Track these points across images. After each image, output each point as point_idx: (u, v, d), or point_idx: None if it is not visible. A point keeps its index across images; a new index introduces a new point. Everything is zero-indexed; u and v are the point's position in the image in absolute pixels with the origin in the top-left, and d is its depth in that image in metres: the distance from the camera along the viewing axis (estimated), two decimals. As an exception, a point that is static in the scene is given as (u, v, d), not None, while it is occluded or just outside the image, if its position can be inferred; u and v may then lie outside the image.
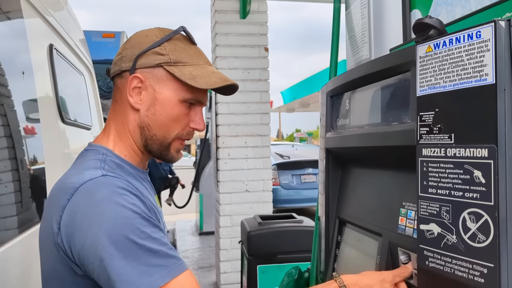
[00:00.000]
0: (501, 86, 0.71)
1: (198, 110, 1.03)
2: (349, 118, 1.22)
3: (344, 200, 1.30)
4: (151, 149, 1.01)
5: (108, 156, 0.96)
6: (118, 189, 0.86)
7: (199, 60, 1.01)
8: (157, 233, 0.85)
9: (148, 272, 0.80)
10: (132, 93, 0.98)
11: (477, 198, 0.73)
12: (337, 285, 0.95)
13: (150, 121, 0.98)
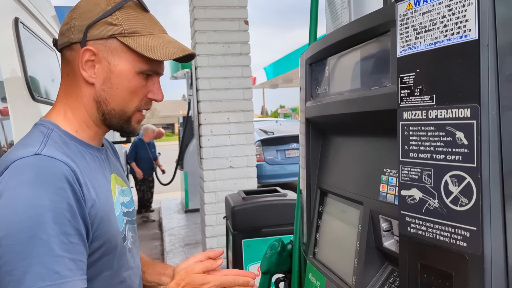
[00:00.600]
0: (484, 41, 0.67)
1: (155, 80, 0.98)
2: (329, 85, 1.18)
3: (325, 170, 1.27)
4: (110, 123, 0.96)
5: (54, 132, 0.90)
6: (45, 173, 0.79)
7: (154, 29, 0.95)
8: (69, 236, 0.78)
9: (40, 275, 0.74)
10: (85, 67, 0.91)
11: (460, 161, 0.70)
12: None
13: (106, 95, 0.93)
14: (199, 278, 1.00)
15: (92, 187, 0.87)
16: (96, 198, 0.87)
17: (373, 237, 0.98)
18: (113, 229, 0.91)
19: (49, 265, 0.75)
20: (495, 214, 0.67)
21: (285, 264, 1.50)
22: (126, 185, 1.08)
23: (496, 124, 0.67)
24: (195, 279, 1.00)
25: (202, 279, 1.00)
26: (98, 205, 0.87)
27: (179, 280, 1.00)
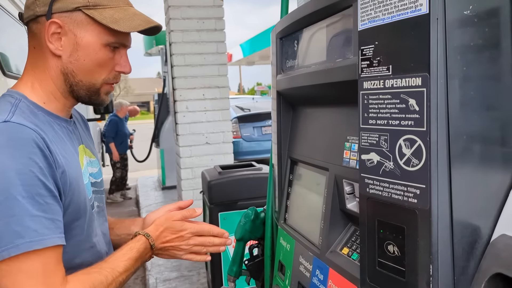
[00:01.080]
0: (434, 15, 0.73)
1: (122, 53, 1.00)
2: (298, 59, 1.23)
3: (295, 141, 1.34)
4: (78, 95, 0.98)
5: (22, 102, 0.92)
6: (16, 139, 0.82)
7: (119, 1, 0.97)
8: (43, 197, 0.82)
9: (18, 233, 0.79)
10: (51, 39, 0.93)
11: (412, 125, 0.77)
12: (142, 238, 1.03)
13: (74, 67, 0.95)
14: (178, 225, 1.05)
15: (62, 156, 0.90)
16: (65, 165, 0.89)
17: (338, 200, 1.05)
18: (82, 196, 0.94)
19: (26, 224, 0.79)
20: (442, 173, 0.74)
21: (259, 231, 1.57)
22: (94, 157, 1.11)
23: (443, 92, 0.74)
24: (175, 225, 1.05)
25: (181, 226, 1.05)
26: (68, 172, 0.90)
27: (159, 225, 1.05)
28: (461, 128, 0.75)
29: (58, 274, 0.83)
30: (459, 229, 0.76)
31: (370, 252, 0.86)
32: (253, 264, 1.59)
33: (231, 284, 1.60)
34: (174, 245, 1.05)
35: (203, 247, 1.08)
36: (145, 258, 1.03)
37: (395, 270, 0.81)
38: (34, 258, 0.80)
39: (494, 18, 0.77)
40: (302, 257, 1.17)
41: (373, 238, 0.86)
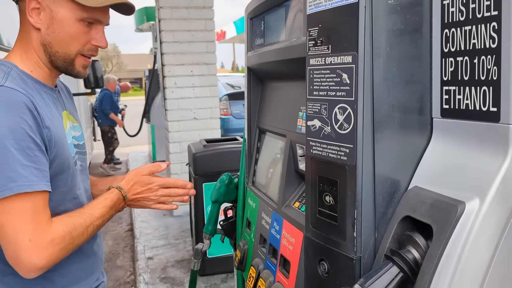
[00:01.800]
0: (362, 4, 0.88)
1: (99, 28, 1.13)
2: (264, 38, 1.37)
3: (263, 112, 1.49)
4: (56, 65, 1.12)
5: (13, 70, 1.06)
6: (9, 101, 0.97)
7: None
8: (32, 150, 0.97)
9: (11, 178, 0.94)
10: (31, 14, 1.06)
11: (344, 96, 0.92)
12: (115, 190, 1.18)
13: (50, 39, 1.08)
14: (146, 178, 1.21)
15: (47, 117, 1.04)
16: (51, 125, 1.04)
17: (293, 162, 1.22)
18: (66, 153, 1.09)
19: (18, 171, 0.94)
20: (366, 136, 0.90)
21: (232, 195, 1.74)
22: (77, 122, 1.26)
23: (369, 68, 0.89)
24: (143, 179, 1.21)
25: (149, 179, 1.21)
26: (53, 131, 1.04)
27: (129, 180, 1.21)
28: (384, 99, 0.91)
29: (45, 215, 0.99)
30: (380, 181, 0.92)
31: (312, 203, 1.03)
32: (227, 224, 1.76)
33: (206, 241, 1.77)
34: (144, 196, 1.21)
35: (169, 197, 1.24)
36: (119, 207, 1.18)
37: (330, 216, 0.98)
38: (25, 200, 0.95)
39: (415, 7, 0.91)
40: (264, 213, 1.34)
41: (314, 191, 1.02)
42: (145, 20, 8.37)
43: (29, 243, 0.95)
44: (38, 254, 0.95)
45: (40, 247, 0.96)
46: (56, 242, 0.99)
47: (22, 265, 0.95)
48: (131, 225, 4.88)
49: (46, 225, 0.99)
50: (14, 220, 0.95)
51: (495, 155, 0.79)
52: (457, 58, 0.87)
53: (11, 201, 0.94)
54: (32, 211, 0.97)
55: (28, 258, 0.95)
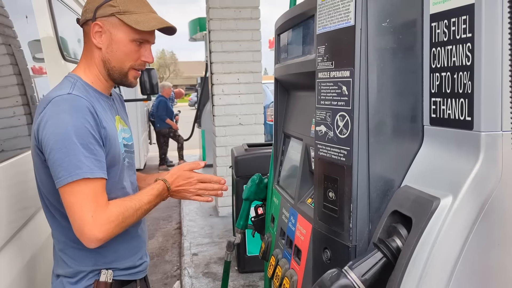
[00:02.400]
0: (358, 26, 1.02)
1: (147, 47, 1.35)
2: (287, 52, 1.54)
3: (287, 118, 1.65)
4: (113, 77, 1.35)
5: (78, 81, 1.30)
6: (76, 105, 1.20)
7: (143, 9, 1.32)
8: (93, 145, 1.19)
9: (78, 166, 1.16)
10: (95, 36, 1.30)
11: (343, 105, 1.07)
12: (161, 182, 1.37)
13: (109, 56, 1.32)
14: (187, 173, 1.41)
15: (104, 120, 1.27)
16: (107, 126, 1.27)
17: (307, 163, 1.37)
18: (117, 149, 1.32)
19: (82, 161, 1.17)
20: (362, 140, 1.04)
21: (262, 193, 1.91)
22: (127, 126, 1.49)
23: (364, 81, 1.03)
24: (184, 174, 1.41)
25: (189, 174, 1.41)
26: (108, 131, 1.27)
27: (173, 173, 1.41)
28: (377, 108, 1.04)
29: (103, 198, 1.21)
30: (374, 180, 1.06)
31: (319, 198, 1.18)
32: (257, 220, 1.93)
33: (238, 235, 1.95)
34: (185, 189, 1.41)
35: (205, 190, 1.43)
36: (163, 196, 1.38)
37: (332, 209, 1.12)
38: (88, 184, 1.18)
39: (407, 29, 1.04)
40: (284, 209, 1.50)
41: (321, 188, 1.17)
42: (198, 30, 8.78)
43: (91, 219, 1.18)
44: (98, 228, 1.18)
45: (100, 222, 1.18)
46: (111, 219, 1.20)
47: (85, 236, 1.18)
48: (179, 224, 5.18)
49: (105, 205, 1.21)
50: (80, 200, 1.18)
51: (469, 158, 0.91)
52: (441, 73, 0.99)
53: (77, 184, 1.17)
54: (93, 193, 1.19)
55: (90, 231, 1.17)
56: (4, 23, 1.60)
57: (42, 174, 1.27)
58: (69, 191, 1.18)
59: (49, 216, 1.33)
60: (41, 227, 1.61)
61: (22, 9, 1.93)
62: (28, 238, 1.53)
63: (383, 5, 1.03)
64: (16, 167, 1.47)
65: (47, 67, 2.13)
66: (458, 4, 0.92)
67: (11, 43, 1.65)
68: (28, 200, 1.54)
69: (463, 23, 0.91)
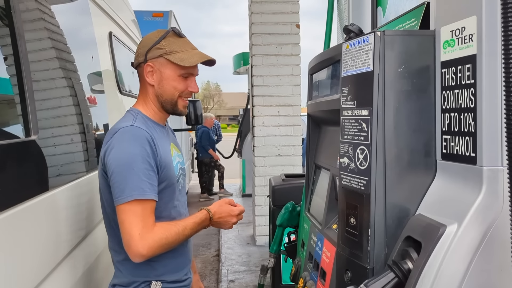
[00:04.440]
0: (376, 72, 1.17)
1: (192, 79, 1.55)
2: (318, 91, 1.69)
3: (318, 150, 1.80)
4: (166, 108, 1.55)
5: (139, 115, 1.51)
6: (137, 136, 1.40)
7: (185, 47, 1.52)
8: (148, 171, 1.37)
9: (132, 188, 1.34)
10: (147, 75, 1.51)
11: (363, 140, 1.21)
12: (205, 211, 1.51)
13: (161, 91, 1.52)
14: (229, 208, 1.57)
15: (161, 147, 1.47)
16: (162, 153, 1.46)
17: (334, 192, 1.50)
18: (171, 173, 1.50)
19: (138, 184, 1.36)
20: (379, 171, 1.17)
21: (295, 220, 2.03)
22: (180, 152, 1.68)
23: (382, 120, 1.17)
24: (227, 208, 1.57)
25: (231, 208, 1.57)
26: (163, 158, 1.46)
27: (217, 205, 1.56)
28: (393, 143, 1.17)
29: (151, 219, 1.39)
30: (390, 208, 1.17)
31: (342, 223, 1.30)
32: (290, 246, 2.05)
33: (271, 259, 2.07)
34: (226, 220, 1.56)
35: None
36: (205, 224, 1.54)
37: (353, 234, 1.24)
38: (140, 205, 1.36)
39: (420, 74, 1.18)
40: (313, 234, 1.62)
41: (343, 214, 1.29)
42: (242, 64, 9.15)
43: (138, 236, 1.35)
44: (143, 245, 1.35)
45: (145, 240, 1.35)
46: (156, 239, 1.37)
47: (131, 250, 1.35)
48: (218, 251, 5.31)
49: (151, 226, 1.38)
50: (130, 218, 1.36)
51: (473, 190, 1.02)
52: (451, 113, 1.11)
53: (130, 205, 1.36)
54: (142, 213, 1.37)
55: (135, 247, 1.34)
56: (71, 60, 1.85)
57: (107, 193, 1.46)
58: (122, 210, 1.36)
59: (110, 231, 1.52)
60: (98, 242, 1.81)
61: (89, 49, 2.21)
62: (87, 251, 1.73)
63: (399, 53, 1.17)
64: (74, 189, 1.67)
65: (106, 98, 2.39)
66: (463, 54, 1.05)
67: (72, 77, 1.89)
68: (88, 217, 1.75)
69: (467, 71, 1.04)
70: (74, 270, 1.57)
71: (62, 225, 1.49)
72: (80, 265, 1.63)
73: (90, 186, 1.76)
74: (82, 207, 1.74)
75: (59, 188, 1.47)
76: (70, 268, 1.53)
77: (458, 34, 1.07)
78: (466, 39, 1.04)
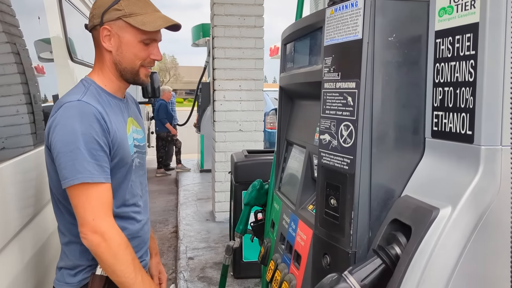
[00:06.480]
0: (365, 40, 1.06)
1: (154, 45, 1.38)
2: (293, 62, 1.57)
3: (290, 126, 1.69)
4: (126, 78, 1.38)
5: (92, 85, 1.34)
6: (83, 112, 1.24)
7: (147, 9, 1.35)
8: (96, 151, 1.23)
9: (79, 170, 1.21)
10: (104, 40, 1.34)
11: (348, 115, 1.10)
12: None
13: (120, 58, 1.35)
14: None
15: (113, 123, 1.31)
16: (116, 130, 1.30)
17: (310, 170, 1.40)
18: (126, 152, 1.34)
19: (84, 165, 1.21)
20: (365, 150, 1.08)
21: (262, 199, 1.94)
22: (140, 127, 1.52)
23: (370, 93, 1.07)
24: None
25: None
26: (117, 134, 1.31)
27: None
28: (381, 119, 1.08)
29: (107, 205, 1.24)
30: (375, 189, 1.09)
31: (320, 205, 1.20)
32: (257, 225, 1.96)
33: (237, 239, 1.98)
34: None
35: None
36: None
37: (333, 216, 1.15)
38: (90, 188, 1.22)
39: (412, 44, 1.08)
40: (285, 214, 1.53)
41: (323, 195, 1.20)
42: (201, 36, 8.85)
43: (92, 221, 1.21)
44: (94, 232, 1.22)
45: (98, 228, 1.22)
46: (108, 235, 1.22)
47: (83, 236, 1.23)
48: (176, 227, 5.18)
49: (107, 212, 1.25)
50: (83, 202, 1.22)
51: (469, 171, 0.94)
52: (444, 88, 1.03)
53: (79, 188, 1.22)
54: (96, 197, 1.23)
55: (87, 231, 1.22)
56: (11, 22, 1.62)
57: (51, 171, 1.31)
58: (74, 194, 1.23)
59: (57, 211, 1.37)
60: (48, 222, 1.64)
61: (34, 7, 1.97)
62: (36, 232, 1.57)
63: (390, 20, 1.07)
64: (20, 165, 1.49)
65: (55, 67, 2.16)
66: (462, 23, 0.96)
67: (17, 42, 1.68)
68: (37, 194, 1.58)
69: (467, 41, 0.95)
70: (22, 252, 1.42)
71: (7, 203, 1.32)
72: (29, 247, 1.48)
73: (38, 161, 1.58)
74: (30, 184, 1.56)
75: (4, 163, 1.32)
76: (18, 250, 1.38)
77: (458, 0, 0.98)
78: (467, 5, 0.95)
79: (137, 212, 1.44)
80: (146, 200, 1.54)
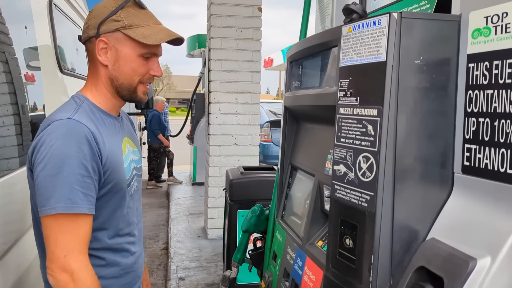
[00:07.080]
0: (389, 63, 0.94)
1: (154, 60, 1.26)
2: (301, 81, 1.45)
3: (296, 149, 1.56)
4: (122, 95, 1.26)
5: (84, 103, 1.21)
6: (72, 132, 1.11)
7: (148, 21, 1.23)
8: (83, 177, 1.10)
9: (58, 199, 1.07)
10: (100, 53, 1.21)
11: (368, 146, 0.98)
12: None
13: (116, 73, 1.22)
14: None
15: (108, 144, 1.17)
16: (110, 152, 1.17)
17: (319, 201, 1.27)
18: (121, 177, 1.21)
19: (66, 194, 1.07)
20: (387, 185, 0.95)
21: (262, 226, 1.80)
22: (136, 148, 1.39)
23: (393, 122, 0.95)
24: None
25: None
26: (111, 157, 1.17)
27: None
28: (406, 151, 0.96)
29: (83, 240, 1.10)
30: (398, 230, 0.96)
31: (333, 244, 1.08)
32: (256, 254, 1.82)
33: (234, 269, 1.84)
34: None
35: None
36: None
37: (349, 259, 1.02)
38: (68, 219, 1.08)
39: (441, 67, 0.97)
40: (289, 248, 1.40)
41: (336, 233, 1.07)
42: (197, 47, 8.75)
43: (63, 258, 1.08)
44: (63, 270, 1.08)
45: (68, 266, 1.08)
46: (78, 276, 1.08)
47: (50, 271, 1.09)
48: (166, 244, 5.01)
49: (83, 250, 1.10)
50: (55, 235, 1.08)
51: (509, 215, 0.82)
52: (479, 118, 0.91)
53: (56, 218, 1.08)
54: (73, 231, 1.09)
55: (56, 269, 1.08)
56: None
57: (35, 196, 1.16)
58: (47, 224, 1.09)
59: (38, 240, 1.23)
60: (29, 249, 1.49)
61: (21, 14, 1.84)
62: (17, 258, 1.42)
63: (417, 41, 0.96)
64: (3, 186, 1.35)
65: (42, 78, 2.02)
66: (502, 46, 0.85)
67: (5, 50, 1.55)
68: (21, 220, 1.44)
69: (508, 67, 0.84)
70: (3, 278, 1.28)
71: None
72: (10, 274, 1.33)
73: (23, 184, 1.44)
74: (15, 207, 1.42)
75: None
76: None
77: (497, 21, 0.87)
78: (509, 28, 0.84)
79: (131, 242, 1.31)
80: (141, 228, 1.41)
